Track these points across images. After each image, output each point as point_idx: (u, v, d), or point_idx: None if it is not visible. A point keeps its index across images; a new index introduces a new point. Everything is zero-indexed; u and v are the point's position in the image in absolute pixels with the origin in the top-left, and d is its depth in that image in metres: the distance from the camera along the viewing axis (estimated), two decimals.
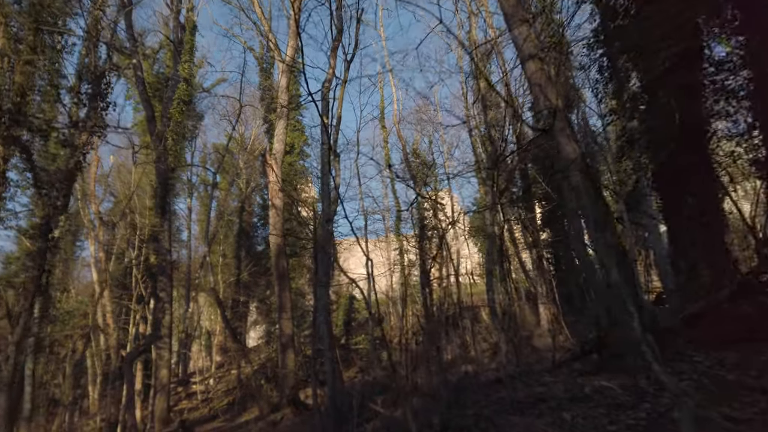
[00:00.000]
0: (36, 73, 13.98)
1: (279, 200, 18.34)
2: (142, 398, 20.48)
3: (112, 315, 22.86)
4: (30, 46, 13.71)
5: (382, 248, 26.94)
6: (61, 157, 11.02)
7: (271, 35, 17.41)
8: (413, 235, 25.86)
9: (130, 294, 21.39)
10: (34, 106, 13.98)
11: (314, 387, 11.33)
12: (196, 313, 32.30)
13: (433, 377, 15.54)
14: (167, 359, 18.61)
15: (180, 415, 22.72)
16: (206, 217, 30.83)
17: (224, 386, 25.23)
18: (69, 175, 10.20)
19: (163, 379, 18.54)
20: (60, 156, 12.01)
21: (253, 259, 29.93)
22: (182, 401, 24.65)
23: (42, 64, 14.03)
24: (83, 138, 10.17)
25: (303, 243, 25.15)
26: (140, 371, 20.73)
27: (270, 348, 25.34)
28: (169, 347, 18.82)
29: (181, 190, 30.99)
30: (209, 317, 33.41)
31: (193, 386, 25.40)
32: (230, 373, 27.22)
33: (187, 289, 29.54)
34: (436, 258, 25.18)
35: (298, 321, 21.89)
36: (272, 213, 18.28)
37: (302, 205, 18.28)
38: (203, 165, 30.79)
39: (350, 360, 23.36)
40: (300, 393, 16.30)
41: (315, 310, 11.67)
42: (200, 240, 33.16)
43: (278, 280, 17.69)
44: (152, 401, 18.75)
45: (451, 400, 7.32)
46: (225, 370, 28.17)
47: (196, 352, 34.06)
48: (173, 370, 30.67)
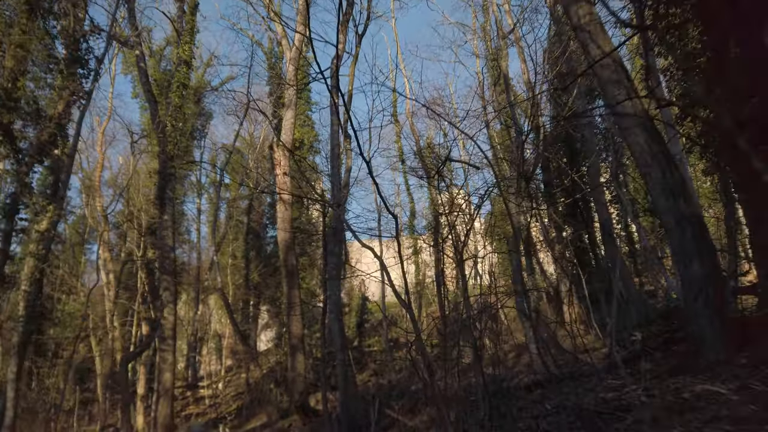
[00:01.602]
0: (28, 57, 12.85)
1: (286, 195, 17.03)
2: (146, 404, 19.15)
3: (117, 317, 21.68)
4: (22, 30, 12.58)
5: (395, 248, 25.43)
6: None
7: (275, 16, 16.14)
8: (428, 234, 24.40)
9: (135, 294, 20.21)
10: (28, 93, 12.87)
11: (324, 392, 9.93)
12: (206, 315, 31.04)
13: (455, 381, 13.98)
14: (171, 362, 17.26)
15: (187, 420, 21.40)
16: (215, 217, 29.68)
17: (233, 390, 23.90)
18: (40, 148, 8.93)
19: (166, 383, 17.18)
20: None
21: (263, 259, 28.67)
22: (190, 406, 23.35)
23: (34, 48, 12.90)
24: (59, 107, 8.91)
25: (313, 239, 23.83)
26: (144, 375, 19.44)
27: (280, 351, 23.97)
28: (172, 350, 17.48)
29: (189, 190, 29.86)
30: (219, 320, 32.10)
31: (201, 390, 24.06)
32: (240, 376, 25.88)
33: (197, 291, 28.31)
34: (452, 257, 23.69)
35: (308, 322, 20.49)
36: (280, 207, 16.95)
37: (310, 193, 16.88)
38: (212, 163, 29.57)
39: (364, 363, 21.91)
40: (311, 398, 14.90)
41: (324, 308, 10.27)
42: (210, 241, 32.00)
43: (287, 277, 16.30)
44: (155, 406, 17.40)
45: (489, 407, 5.88)
46: (234, 373, 26.82)
47: (206, 356, 32.76)
48: (182, 374, 29.42)
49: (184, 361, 29.99)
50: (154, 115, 17.28)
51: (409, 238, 25.00)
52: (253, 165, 31.54)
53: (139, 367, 20.45)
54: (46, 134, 8.96)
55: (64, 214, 23.69)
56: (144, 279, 18.37)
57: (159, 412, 17.15)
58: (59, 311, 21.00)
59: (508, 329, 21.18)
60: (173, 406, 17.97)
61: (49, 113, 8.99)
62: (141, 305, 19.17)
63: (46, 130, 9.01)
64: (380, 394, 11.12)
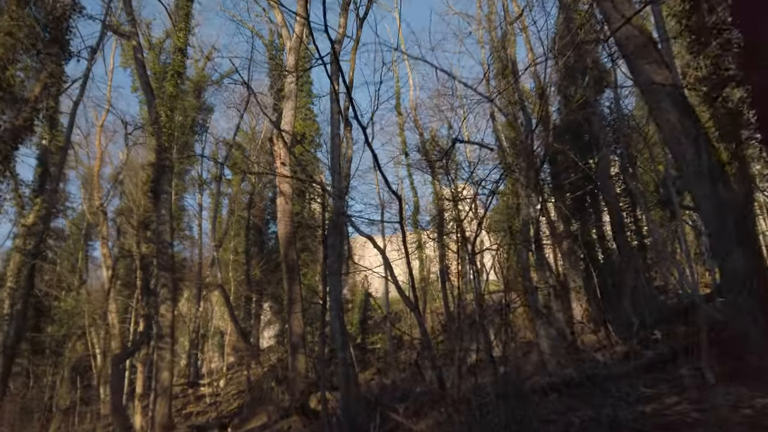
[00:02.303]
0: (18, 45, 12.21)
1: (287, 186, 16.38)
2: (144, 403, 18.58)
3: (116, 314, 21.10)
4: (11, 16, 11.95)
5: (399, 243, 24.65)
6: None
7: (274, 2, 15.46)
8: (432, 229, 23.71)
9: (134, 291, 19.64)
10: (17, 83, 12.25)
11: (323, 393, 9.31)
12: (208, 312, 30.44)
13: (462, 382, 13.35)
14: (169, 361, 16.68)
15: (187, 419, 20.85)
16: (215, 213, 29.11)
17: (234, 388, 23.32)
18: (15, 134, 8.30)
19: (164, 382, 16.61)
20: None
21: (264, 255, 28.05)
22: (190, 404, 22.80)
23: (23, 35, 12.27)
24: (36, 90, 8.29)
25: (315, 234, 23.20)
26: (142, 373, 18.86)
27: (282, 348, 23.38)
28: (171, 348, 16.90)
29: (190, 185, 29.28)
30: (222, 316, 31.51)
31: (202, 388, 23.50)
32: (241, 374, 25.31)
33: (198, 287, 27.73)
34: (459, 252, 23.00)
35: (310, 319, 19.89)
36: (280, 201, 16.31)
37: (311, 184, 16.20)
38: (213, 158, 28.93)
39: (367, 361, 21.27)
40: (312, 398, 14.28)
41: (324, 304, 9.64)
42: (212, 238, 31.39)
43: (288, 273, 15.66)
44: (152, 406, 16.83)
45: (505, 414, 5.23)
46: (236, 371, 26.25)
47: (208, 353, 32.19)
48: (184, 372, 28.89)
49: (185, 359, 29.45)
50: (152, 108, 16.68)
51: (413, 233, 24.32)
52: (254, 157, 30.92)
53: (138, 365, 19.89)
54: (21, 119, 8.35)
55: (61, 209, 23.13)
56: (139, 273, 17.79)
57: (157, 412, 16.58)
58: (57, 309, 20.44)
59: (515, 326, 20.47)
60: (171, 406, 17.41)
61: (26, 96, 8.37)
62: (139, 302, 18.58)
63: (22, 114, 8.39)
64: (383, 395, 10.48)
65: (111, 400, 14.56)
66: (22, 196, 10.70)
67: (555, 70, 16.59)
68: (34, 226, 10.83)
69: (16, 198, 10.76)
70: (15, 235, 12.74)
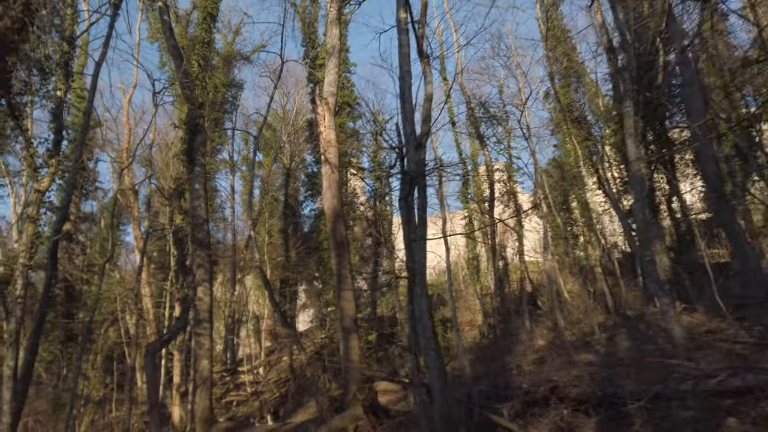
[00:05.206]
0: None
1: (333, 154, 14.06)
2: (182, 390, 16.67)
3: (151, 298, 19.19)
4: None
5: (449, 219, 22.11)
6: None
7: None
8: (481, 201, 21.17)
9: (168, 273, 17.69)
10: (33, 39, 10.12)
11: (417, 392, 7.02)
12: (243, 296, 28.53)
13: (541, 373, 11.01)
14: (208, 348, 14.65)
15: (227, 409, 18.94)
16: (249, 194, 27.06)
17: (275, 375, 21.30)
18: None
19: (203, 371, 14.60)
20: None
21: (300, 237, 25.95)
22: (230, 393, 20.88)
23: None
24: None
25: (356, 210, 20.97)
26: (179, 362, 16.95)
27: (324, 332, 21.27)
28: (209, 334, 14.86)
29: (222, 165, 27.29)
30: (257, 300, 29.58)
31: (242, 376, 21.57)
32: (281, 360, 23.33)
33: (233, 270, 25.81)
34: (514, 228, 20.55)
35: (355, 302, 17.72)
36: (325, 170, 14.00)
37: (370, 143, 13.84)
38: (245, 131, 26.67)
39: None
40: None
41: (410, 282, 7.28)
42: (245, 220, 29.41)
43: (336, 249, 13.38)
44: (192, 397, 14.86)
45: None
46: (275, 357, 24.27)
47: (244, 338, 30.36)
48: (220, 357, 27.04)
49: (221, 344, 27.64)
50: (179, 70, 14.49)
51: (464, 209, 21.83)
52: (286, 139, 28.71)
53: (174, 353, 18.03)
54: (8, 18, 6.11)
55: (90, 189, 21.29)
56: (174, 254, 15.73)
57: (197, 405, 14.59)
58: (88, 293, 18.60)
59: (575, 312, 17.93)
60: (212, 397, 15.43)
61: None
62: (174, 284, 16.58)
63: (9, 12, 6.18)
64: (477, 391, 8.14)
65: (147, 394, 12.54)
66: (34, 156, 8.53)
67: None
68: (49, 193, 8.72)
69: (28, 158, 8.62)
70: (27, 203, 10.80)
